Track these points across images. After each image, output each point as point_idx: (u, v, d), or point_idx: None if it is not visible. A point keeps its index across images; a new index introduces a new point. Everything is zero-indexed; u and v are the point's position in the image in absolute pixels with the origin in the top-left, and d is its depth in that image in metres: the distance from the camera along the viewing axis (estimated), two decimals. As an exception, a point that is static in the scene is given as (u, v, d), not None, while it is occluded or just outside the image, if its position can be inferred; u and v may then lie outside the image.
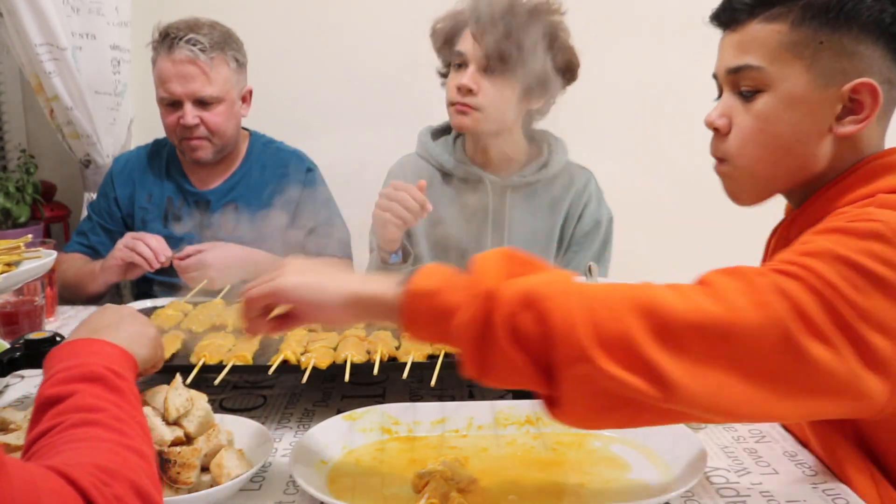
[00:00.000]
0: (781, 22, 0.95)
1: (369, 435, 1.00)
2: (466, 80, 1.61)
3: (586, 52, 1.68)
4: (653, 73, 2.49)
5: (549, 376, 0.75)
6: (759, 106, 0.97)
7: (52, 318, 1.64)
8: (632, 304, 0.75)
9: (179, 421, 0.89)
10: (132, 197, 1.97)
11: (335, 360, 1.09)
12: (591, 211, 1.79)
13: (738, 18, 0.99)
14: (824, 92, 0.94)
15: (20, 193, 2.32)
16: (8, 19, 2.13)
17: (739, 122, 0.99)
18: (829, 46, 0.93)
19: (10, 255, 1.06)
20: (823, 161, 0.97)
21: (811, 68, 0.94)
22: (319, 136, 2.41)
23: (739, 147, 1.00)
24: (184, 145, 1.87)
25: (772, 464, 0.96)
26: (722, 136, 1.01)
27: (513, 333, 0.75)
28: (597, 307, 0.75)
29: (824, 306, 0.77)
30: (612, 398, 0.74)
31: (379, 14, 2.42)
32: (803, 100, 0.95)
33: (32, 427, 0.69)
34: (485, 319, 0.76)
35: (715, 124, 1.01)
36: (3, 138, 2.58)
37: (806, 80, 0.94)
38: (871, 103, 0.93)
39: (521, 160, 1.78)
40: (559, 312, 0.74)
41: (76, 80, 2.19)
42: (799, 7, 0.94)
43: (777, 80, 0.96)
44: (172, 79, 1.80)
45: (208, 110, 1.83)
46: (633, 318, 0.74)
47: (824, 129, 0.95)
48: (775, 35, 0.95)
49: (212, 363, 1.09)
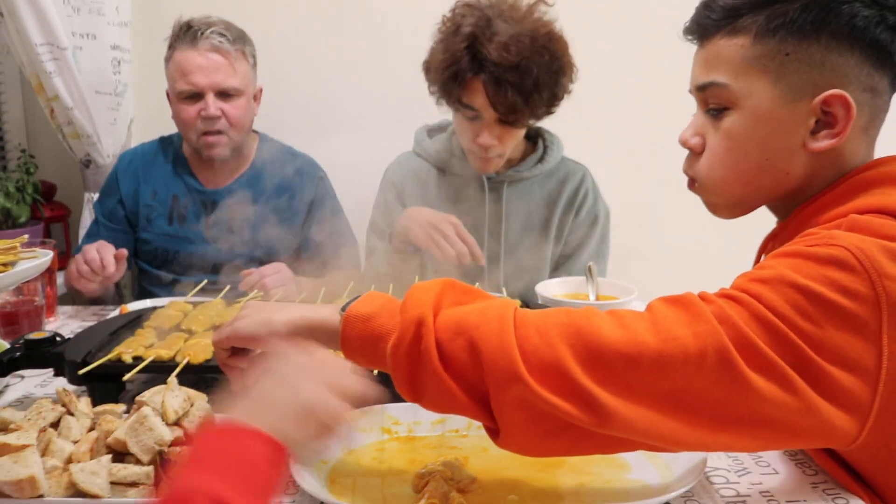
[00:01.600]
0: (745, 35, 0.90)
1: (369, 435, 1.00)
2: (487, 140, 1.61)
3: (585, 51, 1.68)
4: (651, 73, 2.49)
5: (484, 405, 0.75)
6: (726, 124, 0.93)
7: (52, 318, 1.64)
8: (565, 331, 0.74)
9: (180, 421, 0.89)
10: (136, 194, 1.95)
11: (335, 360, 1.09)
12: (589, 206, 1.80)
13: (705, 33, 0.95)
14: (794, 106, 0.89)
15: (20, 193, 2.32)
16: (8, 19, 2.13)
17: (710, 142, 0.96)
18: (796, 58, 0.88)
19: (7, 256, 1.06)
20: (799, 177, 0.93)
21: (778, 82, 0.89)
22: (326, 139, 2.41)
23: (709, 168, 0.97)
24: (201, 141, 1.85)
25: (772, 464, 0.96)
26: (696, 155, 0.99)
27: (443, 360, 0.75)
28: (530, 333, 0.74)
29: (770, 335, 0.74)
30: (550, 422, 0.73)
31: (387, 16, 2.42)
32: (771, 116, 0.90)
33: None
34: (416, 345, 0.75)
35: (689, 143, 0.99)
36: (3, 138, 2.58)
37: (773, 95, 0.90)
38: (844, 115, 0.87)
39: (517, 156, 1.79)
40: (491, 339, 0.73)
41: (76, 80, 2.19)
42: (762, 18, 0.89)
43: (742, 96, 0.91)
44: (196, 70, 1.79)
45: (229, 102, 1.83)
46: (565, 346, 0.73)
47: (797, 144, 0.91)
48: (739, 49, 0.91)
49: (197, 362, 1.09)
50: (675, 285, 1.67)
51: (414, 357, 0.76)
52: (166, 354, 1.12)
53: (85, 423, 0.92)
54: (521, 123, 1.61)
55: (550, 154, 1.78)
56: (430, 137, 1.84)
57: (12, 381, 1.26)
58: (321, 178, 2.01)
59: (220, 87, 1.81)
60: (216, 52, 1.81)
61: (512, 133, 1.63)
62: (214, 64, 1.81)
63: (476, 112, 1.59)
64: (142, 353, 1.12)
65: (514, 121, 1.59)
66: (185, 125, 1.86)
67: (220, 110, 1.82)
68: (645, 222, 2.43)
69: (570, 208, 1.79)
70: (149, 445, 0.85)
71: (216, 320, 1.28)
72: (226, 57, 1.82)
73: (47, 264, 1.12)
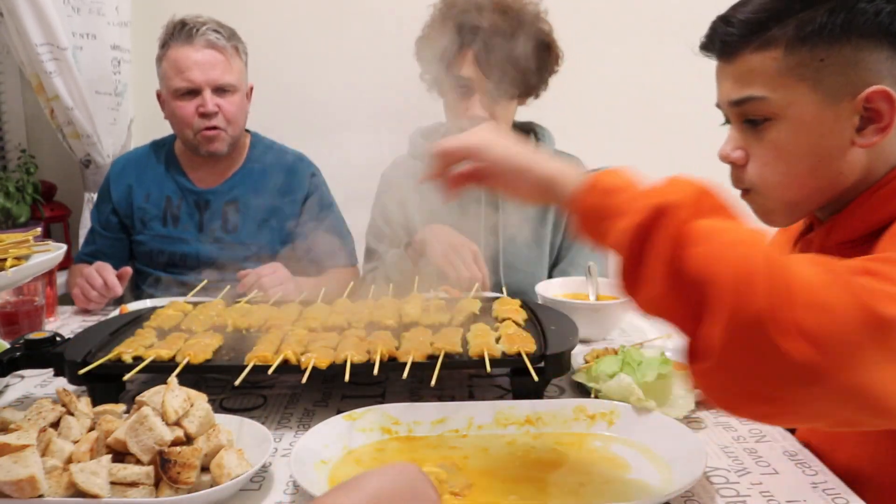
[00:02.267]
0: (775, 47, 0.92)
1: (369, 435, 1.00)
2: (479, 111, 1.63)
3: (584, 51, 1.69)
4: (650, 72, 2.49)
5: (697, 320, 0.67)
6: (772, 135, 0.95)
7: (52, 318, 1.64)
8: (855, 301, 0.64)
9: (180, 421, 0.89)
10: (129, 198, 1.96)
11: (335, 360, 1.09)
12: None
13: (731, 49, 0.96)
14: (836, 108, 0.91)
15: (20, 193, 2.32)
16: (8, 19, 2.13)
17: (756, 153, 0.97)
18: (831, 62, 0.90)
19: (20, 249, 1.05)
20: (854, 174, 0.94)
21: (817, 88, 0.91)
22: (319, 138, 2.41)
23: (761, 177, 0.98)
24: (199, 137, 1.85)
25: (772, 464, 0.96)
26: (740, 168, 1.00)
27: (671, 261, 0.68)
28: (804, 287, 0.64)
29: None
30: (775, 385, 0.65)
31: (380, 15, 2.42)
32: (816, 121, 0.92)
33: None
34: (646, 233, 0.69)
35: (731, 158, 1.00)
36: (3, 138, 2.58)
37: (814, 101, 0.92)
38: (888, 109, 0.90)
39: None
40: (743, 265, 0.65)
41: (76, 80, 2.19)
42: (791, 28, 0.91)
43: (784, 106, 0.93)
44: (193, 66, 1.80)
45: (225, 98, 1.84)
46: (858, 322, 0.64)
47: (846, 143, 0.93)
48: (772, 62, 0.92)
49: (197, 362, 1.09)
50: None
51: (641, 246, 0.70)
52: (166, 354, 1.12)
53: (85, 423, 0.92)
54: (510, 94, 1.63)
55: (543, 147, 1.79)
56: (425, 140, 1.84)
57: (12, 381, 1.26)
58: (313, 175, 2.01)
59: (217, 83, 1.82)
60: (212, 49, 1.81)
61: (501, 108, 1.64)
62: (211, 60, 1.81)
63: (467, 83, 1.62)
64: (142, 353, 1.12)
65: (503, 91, 1.60)
66: (181, 122, 1.86)
67: (217, 106, 1.82)
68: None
69: None
70: (149, 445, 0.85)
71: (216, 320, 1.28)
72: (222, 53, 1.83)
73: (61, 257, 1.11)
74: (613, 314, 1.44)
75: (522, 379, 1.07)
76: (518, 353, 1.09)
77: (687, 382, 1.05)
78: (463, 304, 1.34)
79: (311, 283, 1.76)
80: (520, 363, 1.07)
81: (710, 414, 1.11)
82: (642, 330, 1.51)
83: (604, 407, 1.03)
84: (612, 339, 1.45)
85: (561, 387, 1.22)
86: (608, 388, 1.06)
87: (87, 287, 1.65)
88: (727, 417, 1.10)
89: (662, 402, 1.04)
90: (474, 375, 1.26)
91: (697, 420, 1.09)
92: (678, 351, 1.29)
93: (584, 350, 1.28)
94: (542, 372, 1.08)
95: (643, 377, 1.05)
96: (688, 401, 1.05)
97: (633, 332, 1.49)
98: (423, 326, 1.23)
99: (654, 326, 1.54)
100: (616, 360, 1.11)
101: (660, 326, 1.54)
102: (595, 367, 1.13)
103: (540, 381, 1.07)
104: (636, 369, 1.07)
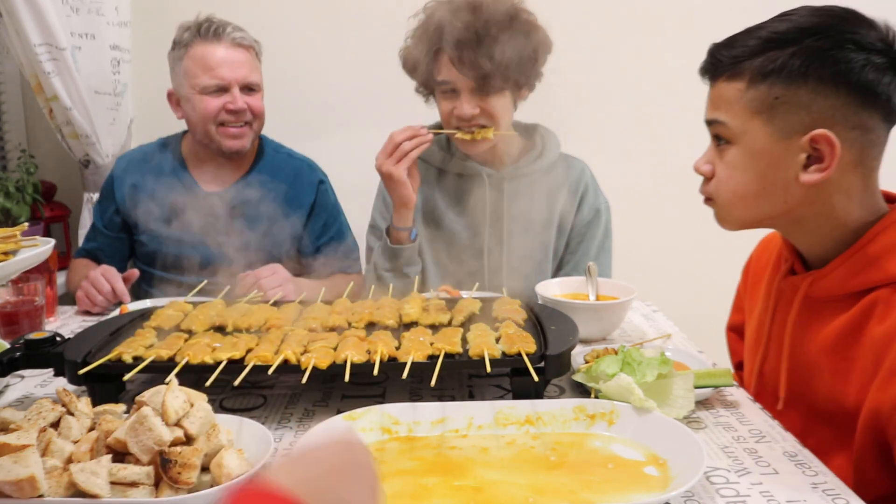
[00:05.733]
0: (741, 80, 1.02)
1: (369, 435, 1.00)
2: (466, 110, 1.63)
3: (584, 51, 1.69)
4: (650, 72, 2.49)
5: None
6: (729, 156, 1.07)
7: (52, 318, 1.64)
8: None
9: (180, 421, 0.89)
10: (134, 197, 1.94)
11: (335, 360, 1.09)
12: (590, 200, 1.80)
13: (714, 75, 1.07)
14: (786, 143, 1.00)
15: (20, 193, 2.32)
16: (7, 19, 2.13)
17: (718, 169, 1.09)
18: (785, 101, 0.99)
19: (7, 244, 1.04)
20: (803, 205, 1.04)
21: (769, 123, 1.00)
22: (325, 138, 2.41)
23: (717, 192, 1.10)
24: (221, 133, 1.85)
25: (772, 464, 0.96)
26: (706, 180, 1.12)
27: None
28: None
29: None
30: None
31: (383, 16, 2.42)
32: (765, 152, 1.02)
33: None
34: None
35: (700, 170, 1.12)
36: (3, 138, 2.58)
37: (766, 134, 1.01)
38: (830, 152, 0.98)
39: (514, 153, 1.79)
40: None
41: (75, 80, 2.19)
42: (757, 64, 1.00)
43: (740, 134, 1.04)
44: (221, 64, 1.81)
45: (252, 96, 1.86)
46: None
47: (791, 177, 1.02)
48: (736, 92, 1.03)
49: (196, 362, 1.09)
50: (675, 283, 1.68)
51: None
52: (166, 354, 1.12)
53: (85, 423, 0.92)
54: (496, 89, 1.62)
55: (548, 149, 1.79)
56: None
57: (12, 381, 1.26)
58: (321, 182, 2.01)
59: (246, 81, 1.84)
60: (241, 48, 1.84)
61: (490, 102, 1.64)
62: (240, 59, 1.83)
63: (450, 84, 1.63)
64: (142, 353, 1.12)
65: (485, 85, 1.60)
66: (205, 118, 1.84)
67: (245, 104, 1.84)
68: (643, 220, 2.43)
69: (571, 202, 1.79)
70: (149, 445, 0.85)
71: (216, 320, 1.28)
72: (248, 52, 1.85)
73: (48, 253, 1.10)
74: (613, 314, 1.44)
75: (522, 379, 1.08)
76: (518, 353, 1.09)
77: (687, 382, 1.06)
78: (463, 304, 1.34)
79: (312, 285, 1.76)
80: (520, 363, 1.07)
81: (710, 414, 1.11)
82: (642, 330, 1.51)
83: (604, 407, 1.03)
84: (612, 339, 1.45)
85: (561, 387, 1.22)
86: (608, 388, 1.06)
87: (94, 292, 1.65)
88: (727, 417, 1.10)
89: (662, 402, 1.04)
90: (474, 375, 1.26)
91: (697, 420, 1.09)
92: (677, 351, 1.29)
93: (584, 350, 1.28)
94: (542, 372, 1.08)
95: (643, 377, 1.05)
96: (688, 401, 1.05)
97: (633, 332, 1.49)
98: (423, 326, 1.23)
99: (653, 326, 1.54)
100: (616, 360, 1.11)
101: (660, 326, 1.54)
102: (595, 367, 1.13)
103: (540, 381, 1.07)
104: (636, 369, 1.07)
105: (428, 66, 1.64)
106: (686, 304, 1.96)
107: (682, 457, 0.91)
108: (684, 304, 1.90)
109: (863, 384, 1.02)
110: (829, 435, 1.08)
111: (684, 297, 2.09)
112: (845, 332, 1.05)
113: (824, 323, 1.09)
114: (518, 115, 1.78)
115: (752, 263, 1.36)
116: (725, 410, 1.12)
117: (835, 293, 1.07)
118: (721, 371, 1.14)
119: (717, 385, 1.13)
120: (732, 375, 1.14)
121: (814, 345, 1.10)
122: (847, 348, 1.05)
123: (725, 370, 1.14)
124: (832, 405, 1.07)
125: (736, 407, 1.13)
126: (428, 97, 1.76)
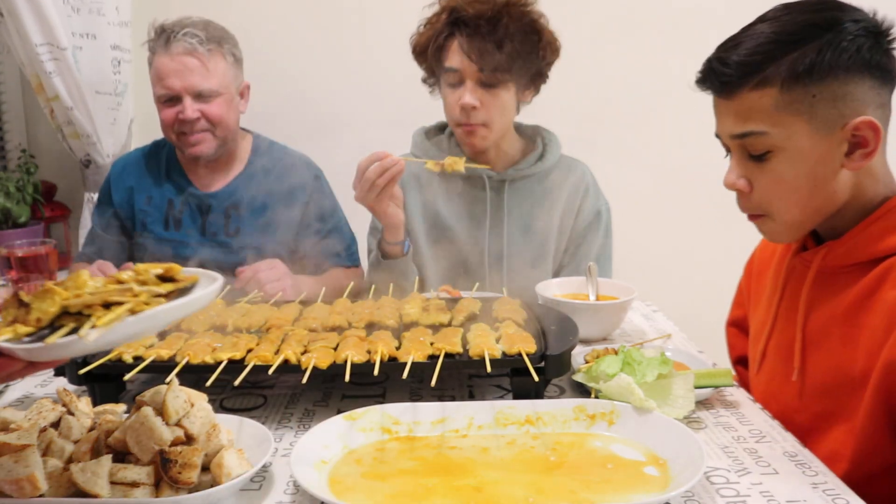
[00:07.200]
0: (772, 86, 1.02)
1: (369, 435, 1.00)
2: (469, 99, 1.63)
3: (584, 50, 1.69)
4: (650, 73, 2.49)
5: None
6: (773, 165, 1.05)
7: (53, 318, 1.64)
8: None
9: (180, 421, 0.89)
10: (130, 200, 1.95)
11: (335, 360, 1.09)
12: (591, 202, 1.80)
13: (730, 88, 1.05)
14: (829, 138, 1.02)
15: (20, 193, 2.32)
16: (8, 19, 2.13)
17: (759, 181, 1.08)
18: (822, 97, 1.00)
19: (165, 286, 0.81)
20: (846, 192, 1.06)
21: (811, 121, 1.01)
22: (322, 137, 2.41)
23: (768, 203, 1.09)
24: (182, 141, 1.85)
25: (772, 464, 0.96)
26: (746, 195, 1.10)
27: None
28: None
29: None
30: None
31: (387, 16, 2.42)
32: (812, 150, 1.03)
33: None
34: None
35: (737, 186, 1.10)
36: (3, 138, 2.58)
37: (809, 133, 1.02)
38: (874, 136, 1.01)
39: (515, 154, 1.79)
40: None
41: (76, 79, 2.19)
42: (785, 68, 1.00)
43: (783, 139, 1.03)
44: (171, 74, 1.79)
45: (208, 103, 1.83)
46: None
47: (837, 167, 1.04)
48: (769, 100, 1.02)
49: (196, 362, 1.09)
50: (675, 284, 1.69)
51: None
52: (166, 354, 1.12)
53: (85, 422, 0.93)
54: (501, 81, 1.62)
55: (550, 151, 1.79)
56: (428, 139, 1.84)
57: (12, 381, 1.26)
58: (316, 177, 2.00)
59: (196, 90, 1.81)
60: (189, 55, 1.80)
61: (494, 97, 1.64)
62: (188, 67, 1.80)
63: (457, 73, 1.63)
64: (142, 353, 1.12)
65: (492, 77, 1.60)
66: (164, 127, 1.86)
67: (198, 112, 1.82)
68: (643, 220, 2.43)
69: (572, 204, 1.79)
70: (149, 445, 0.85)
71: (216, 320, 1.28)
72: (199, 59, 1.81)
73: (218, 292, 0.86)
74: (613, 314, 1.44)
75: (522, 379, 1.08)
76: (518, 353, 1.09)
77: (687, 382, 1.06)
78: (463, 304, 1.34)
79: (310, 281, 1.76)
80: (520, 363, 1.07)
81: (710, 414, 1.11)
82: (642, 330, 1.51)
83: (604, 407, 1.03)
84: (612, 339, 1.45)
85: (561, 387, 1.22)
86: (608, 388, 1.06)
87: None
88: (727, 417, 1.10)
89: (662, 402, 1.04)
90: (474, 375, 1.26)
91: (697, 420, 1.09)
92: (677, 351, 1.29)
93: (584, 350, 1.28)
94: (542, 372, 1.08)
95: (643, 377, 1.05)
96: (688, 401, 1.05)
97: (633, 332, 1.49)
98: (423, 326, 1.23)
99: (653, 326, 1.54)
100: (616, 360, 1.11)
101: (660, 326, 1.54)
102: (595, 367, 1.13)
103: (540, 381, 1.07)
104: (636, 369, 1.07)
105: (437, 53, 1.65)
106: (686, 304, 1.96)
107: (682, 457, 0.91)
108: (684, 304, 1.91)
109: (872, 347, 1.03)
110: (829, 406, 1.09)
111: (684, 297, 2.09)
112: (858, 300, 1.06)
113: (836, 293, 1.10)
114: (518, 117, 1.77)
115: (755, 257, 1.37)
116: (725, 410, 1.12)
117: (850, 261, 1.08)
118: (721, 371, 1.14)
119: (717, 385, 1.13)
120: (732, 376, 1.14)
121: (825, 316, 1.11)
122: (858, 315, 1.06)
123: (725, 370, 1.14)
124: (838, 375, 1.08)
125: (736, 407, 1.13)
126: (433, 88, 1.76)
